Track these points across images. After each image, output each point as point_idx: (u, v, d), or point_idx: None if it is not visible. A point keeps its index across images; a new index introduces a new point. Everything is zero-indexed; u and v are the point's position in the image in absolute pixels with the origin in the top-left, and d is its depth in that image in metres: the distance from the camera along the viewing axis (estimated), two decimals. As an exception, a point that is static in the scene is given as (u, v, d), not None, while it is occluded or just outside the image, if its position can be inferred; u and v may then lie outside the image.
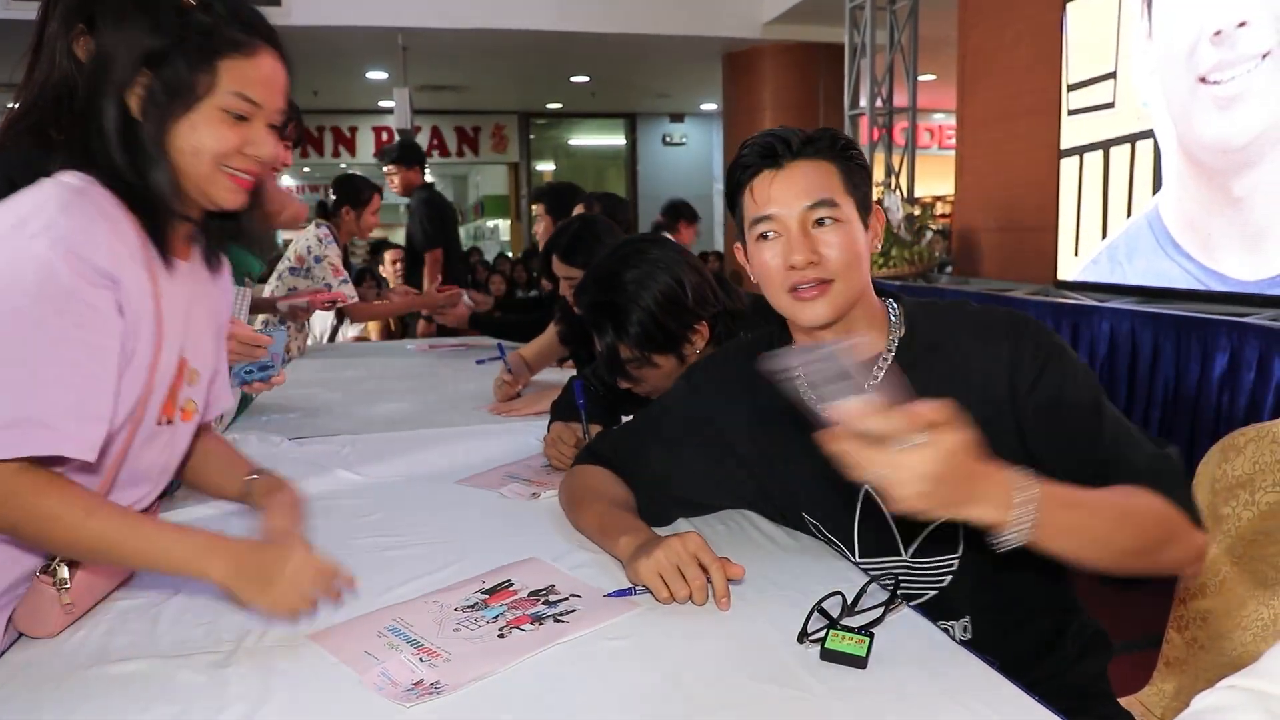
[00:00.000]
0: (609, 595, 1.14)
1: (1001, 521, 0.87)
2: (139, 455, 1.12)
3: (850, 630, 0.98)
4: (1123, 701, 1.35)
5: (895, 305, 1.25)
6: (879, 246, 1.24)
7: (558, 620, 1.10)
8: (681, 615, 1.09)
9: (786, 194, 1.17)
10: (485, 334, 3.45)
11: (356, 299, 3.72)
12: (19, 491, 0.96)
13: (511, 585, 1.21)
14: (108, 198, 1.04)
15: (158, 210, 1.07)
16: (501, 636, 1.06)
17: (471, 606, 1.15)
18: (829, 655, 0.97)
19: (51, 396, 0.95)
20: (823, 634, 0.99)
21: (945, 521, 1.14)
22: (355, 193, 3.87)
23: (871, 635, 0.98)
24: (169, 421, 1.14)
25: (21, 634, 1.07)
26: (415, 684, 0.95)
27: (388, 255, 5.91)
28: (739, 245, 1.27)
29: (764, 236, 1.18)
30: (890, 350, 1.20)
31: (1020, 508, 0.87)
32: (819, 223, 1.16)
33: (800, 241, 1.15)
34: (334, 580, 1.07)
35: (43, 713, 0.90)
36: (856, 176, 1.20)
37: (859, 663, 0.96)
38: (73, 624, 1.09)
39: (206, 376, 1.22)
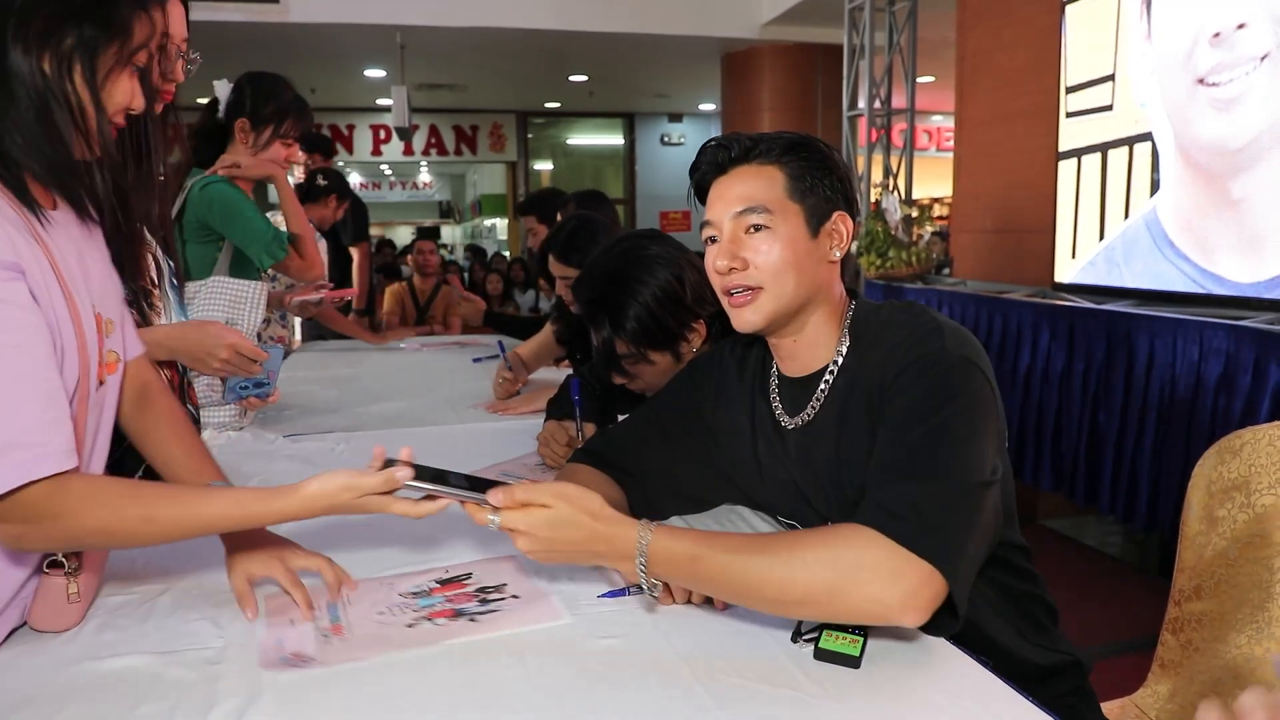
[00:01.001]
0: (603, 595, 1.14)
1: (630, 571, 0.99)
2: (88, 423, 1.08)
3: (844, 630, 0.98)
4: (1117, 703, 1.34)
5: (852, 311, 1.22)
6: (838, 255, 1.18)
7: (472, 619, 1.09)
8: (674, 615, 1.09)
9: (721, 200, 1.18)
10: (499, 332, 3.43)
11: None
12: (56, 515, 0.93)
13: (469, 578, 1.22)
14: None
15: (21, 171, 0.97)
16: (410, 626, 1.07)
17: (416, 594, 1.17)
18: (823, 655, 0.97)
19: (19, 414, 0.90)
20: (816, 633, 0.98)
21: None
22: (346, 188, 3.89)
23: (865, 634, 0.98)
24: (102, 383, 1.10)
25: (12, 631, 1.06)
26: (293, 654, 0.97)
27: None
28: None
29: (710, 241, 1.20)
30: (837, 362, 1.19)
31: (638, 563, 0.97)
32: (754, 229, 1.15)
33: (727, 247, 1.16)
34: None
35: (32, 709, 0.90)
36: (809, 180, 1.16)
37: (853, 662, 0.95)
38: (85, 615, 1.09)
39: (119, 323, 1.16)
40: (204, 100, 2.41)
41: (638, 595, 1.12)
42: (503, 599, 1.15)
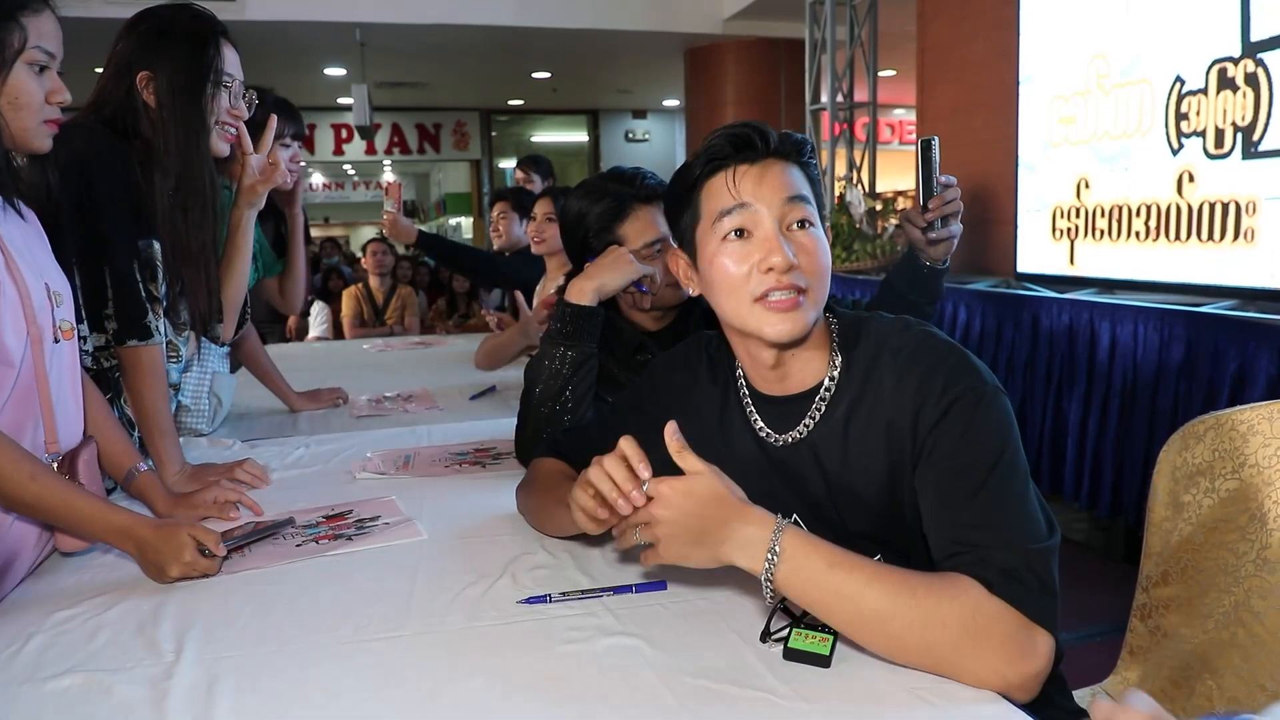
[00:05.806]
0: (638, 589, 1.12)
1: (754, 562, 0.92)
2: (53, 372, 1.27)
3: (814, 629, 0.97)
4: (1087, 690, 1.34)
5: (835, 325, 1.13)
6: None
7: (349, 539, 1.32)
8: (638, 614, 1.07)
9: (762, 187, 1.05)
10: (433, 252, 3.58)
11: None
12: None
13: (350, 513, 1.44)
14: None
15: None
16: (299, 546, 1.31)
17: (308, 526, 1.39)
18: (792, 654, 0.95)
19: None
20: (786, 633, 0.97)
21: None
22: None
23: (836, 634, 0.96)
24: (56, 341, 1.29)
25: None
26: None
27: (369, 248, 5.86)
28: (675, 252, 1.16)
29: (737, 234, 1.05)
30: (834, 378, 1.10)
31: (771, 547, 0.91)
32: (800, 225, 1.05)
33: (779, 241, 1.03)
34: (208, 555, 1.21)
35: (-30, 733, 0.86)
36: (816, 186, 1.12)
37: (823, 662, 0.94)
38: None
39: (67, 298, 1.36)
40: None
41: (559, 602, 1.10)
42: (375, 525, 1.39)
